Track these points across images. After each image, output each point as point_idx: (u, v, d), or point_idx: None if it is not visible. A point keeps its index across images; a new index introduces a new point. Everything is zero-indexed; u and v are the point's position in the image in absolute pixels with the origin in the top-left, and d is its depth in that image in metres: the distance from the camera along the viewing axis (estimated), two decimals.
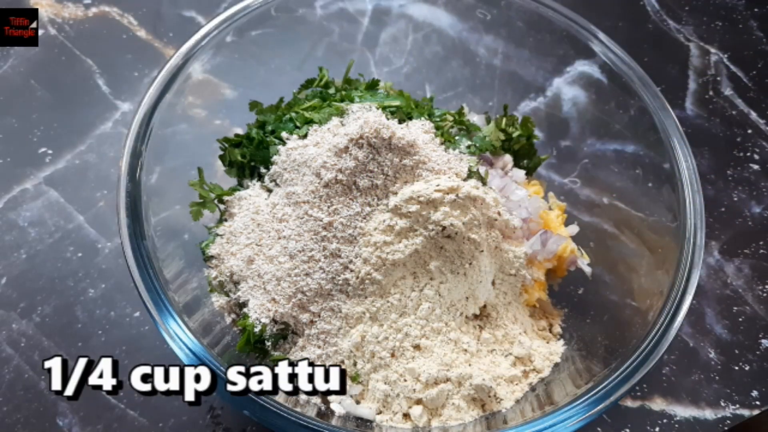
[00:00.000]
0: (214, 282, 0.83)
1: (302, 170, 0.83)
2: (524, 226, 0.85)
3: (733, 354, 0.97)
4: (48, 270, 0.97)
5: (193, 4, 1.28)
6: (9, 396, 0.86)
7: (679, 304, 0.75)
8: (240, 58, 0.98)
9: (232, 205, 0.87)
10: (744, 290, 1.03)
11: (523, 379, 0.80)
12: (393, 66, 1.14)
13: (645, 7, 1.39)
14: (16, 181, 1.04)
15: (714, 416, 0.92)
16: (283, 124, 0.90)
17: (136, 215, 0.75)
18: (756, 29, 1.36)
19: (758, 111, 1.24)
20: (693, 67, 1.30)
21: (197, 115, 0.95)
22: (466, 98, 1.09)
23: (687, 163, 0.85)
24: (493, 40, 1.07)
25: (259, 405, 0.66)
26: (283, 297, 0.78)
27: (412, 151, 0.80)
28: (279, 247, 0.79)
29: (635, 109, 0.92)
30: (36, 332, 0.91)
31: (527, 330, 0.85)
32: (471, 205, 0.78)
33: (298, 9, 1.02)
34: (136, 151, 0.79)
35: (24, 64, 1.17)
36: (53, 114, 1.12)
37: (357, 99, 0.92)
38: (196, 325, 0.73)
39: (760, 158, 1.18)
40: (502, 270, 0.83)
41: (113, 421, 0.85)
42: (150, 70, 1.18)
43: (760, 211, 1.12)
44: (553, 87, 1.05)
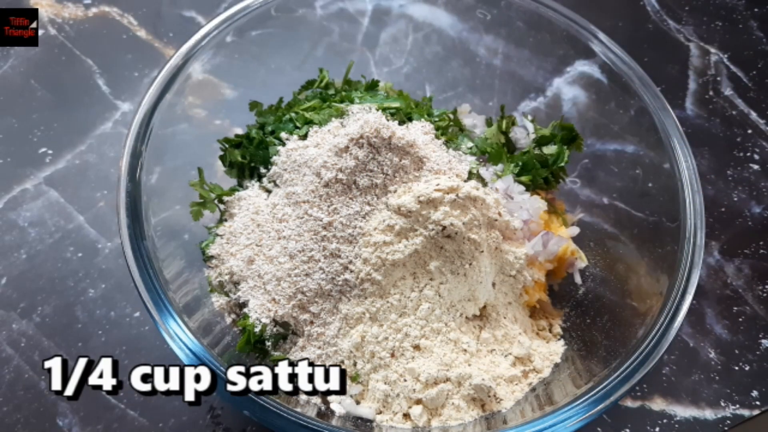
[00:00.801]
0: (214, 282, 0.83)
1: (302, 170, 0.83)
2: (524, 227, 0.85)
3: (733, 354, 0.97)
4: (48, 270, 0.97)
5: (193, 4, 1.28)
6: (9, 396, 0.86)
7: (679, 304, 0.75)
8: (240, 58, 0.98)
9: (232, 205, 0.87)
10: (744, 290, 1.03)
11: (523, 379, 0.80)
12: (393, 66, 1.14)
13: (645, 7, 1.39)
14: (16, 181, 1.04)
15: (714, 416, 0.92)
16: (283, 124, 0.90)
17: (136, 215, 0.75)
18: (756, 29, 1.36)
19: (758, 111, 1.24)
20: (693, 67, 1.30)
21: (197, 115, 0.95)
22: (466, 98, 1.09)
23: (687, 163, 0.85)
24: (493, 40, 1.07)
25: (259, 405, 0.66)
26: (284, 297, 0.78)
27: (412, 150, 0.80)
28: (279, 247, 0.79)
29: (635, 109, 0.92)
30: (36, 332, 0.91)
31: (527, 330, 0.85)
32: (471, 205, 0.78)
33: (298, 9, 1.02)
34: (136, 151, 0.79)
35: (24, 64, 1.17)
36: (53, 114, 1.12)
37: (357, 100, 0.92)
38: (196, 325, 0.73)
39: (760, 158, 1.18)
40: (502, 271, 0.83)
41: (113, 421, 0.85)
42: (150, 70, 1.18)
43: (760, 211, 1.12)
44: (553, 87, 1.05)
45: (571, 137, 0.94)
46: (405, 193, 0.78)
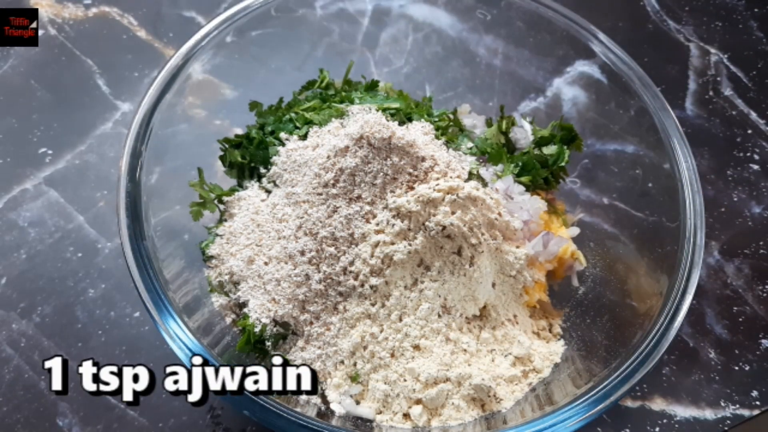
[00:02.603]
0: (214, 282, 0.83)
1: (302, 171, 0.83)
2: (525, 227, 0.85)
3: (733, 354, 0.97)
4: (48, 270, 0.97)
5: (193, 4, 1.28)
6: (9, 396, 0.86)
7: (679, 304, 0.75)
8: (240, 58, 0.98)
9: (232, 205, 0.87)
10: (744, 290, 1.03)
11: (523, 379, 0.80)
12: (393, 66, 1.14)
13: (645, 7, 1.39)
14: (16, 181, 1.04)
15: (714, 416, 0.92)
16: (283, 124, 0.90)
17: (136, 215, 0.75)
18: (756, 29, 1.36)
19: (758, 111, 1.24)
20: (693, 68, 1.30)
21: (197, 116, 0.95)
22: (466, 98, 1.09)
23: (687, 163, 0.85)
24: (493, 40, 1.07)
25: (259, 405, 0.66)
26: (283, 297, 0.78)
27: (412, 151, 0.80)
28: (279, 247, 0.79)
29: (635, 109, 0.92)
30: (36, 332, 0.91)
31: (527, 330, 0.85)
32: (471, 205, 0.78)
33: (298, 9, 1.02)
34: (136, 151, 0.79)
35: (24, 64, 1.17)
36: (53, 114, 1.12)
37: (357, 100, 0.92)
38: (196, 325, 0.73)
39: (760, 158, 1.18)
40: (502, 271, 0.83)
41: (113, 421, 0.85)
42: (150, 70, 1.18)
43: (760, 211, 1.12)
44: (553, 87, 1.05)
45: (571, 137, 0.94)
46: (405, 193, 0.78)
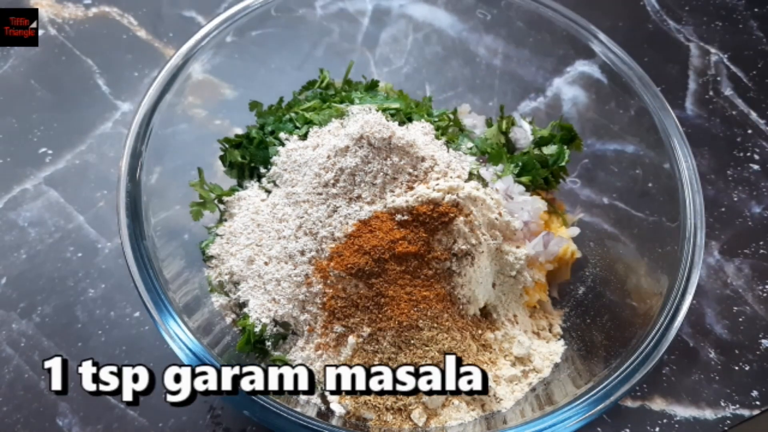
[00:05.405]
0: (214, 282, 0.83)
1: (302, 171, 0.83)
2: (525, 227, 0.85)
3: (733, 354, 0.97)
4: (48, 270, 0.97)
5: (193, 4, 1.28)
6: (9, 396, 0.86)
7: (679, 304, 0.75)
8: (240, 58, 0.98)
9: (232, 205, 0.87)
10: (744, 290, 1.03)
11: (523, 379, 0.80)
12: (393, 66, 1.14)
13: (645, 7, 1.39)
14: (16, 181, 1.04)
15: (714, 416, 0.92)
16: (283, 124, 0.90)
17: (136, 215, 0.75)
18: (756, 29, 1.36)
19: (758, 111, 1.24)
20: (693, 67, 1.30)
21: (197, 115, 0.95)
22: (466, 98, 1.09)
23: (687, 163, 0.85)
24: (493, 40, 1.07)
25: (259, 405, 0.66)
26: (283, 297, 0.78)
27: (412, 151, 0.80)
28: (279, 247, 0.79)
29: (635, 109, 0.92)
30: (36, 332, 0.91)
31: (527, 330, 0.85)
32: (471, 205, 0.78)
33: (298, 9, 1.02)
34: (136, 151, 0.79)
35: (24, 64, 1.17)
36: (53, 114, 1.12)
37: (357, 101, 0.92)
38: (196, 325, 0.73)
39: (760, 158, 1.18)
40: (502, 271, 0.83)
41: (113, 421, 0.85)
42: (150, 70, 1.18)
43: (760, 211, 1.12)
44: (553, 87, 1.05)
45: (571, 137, 0.94)
46: (405, 193, 0.78)
